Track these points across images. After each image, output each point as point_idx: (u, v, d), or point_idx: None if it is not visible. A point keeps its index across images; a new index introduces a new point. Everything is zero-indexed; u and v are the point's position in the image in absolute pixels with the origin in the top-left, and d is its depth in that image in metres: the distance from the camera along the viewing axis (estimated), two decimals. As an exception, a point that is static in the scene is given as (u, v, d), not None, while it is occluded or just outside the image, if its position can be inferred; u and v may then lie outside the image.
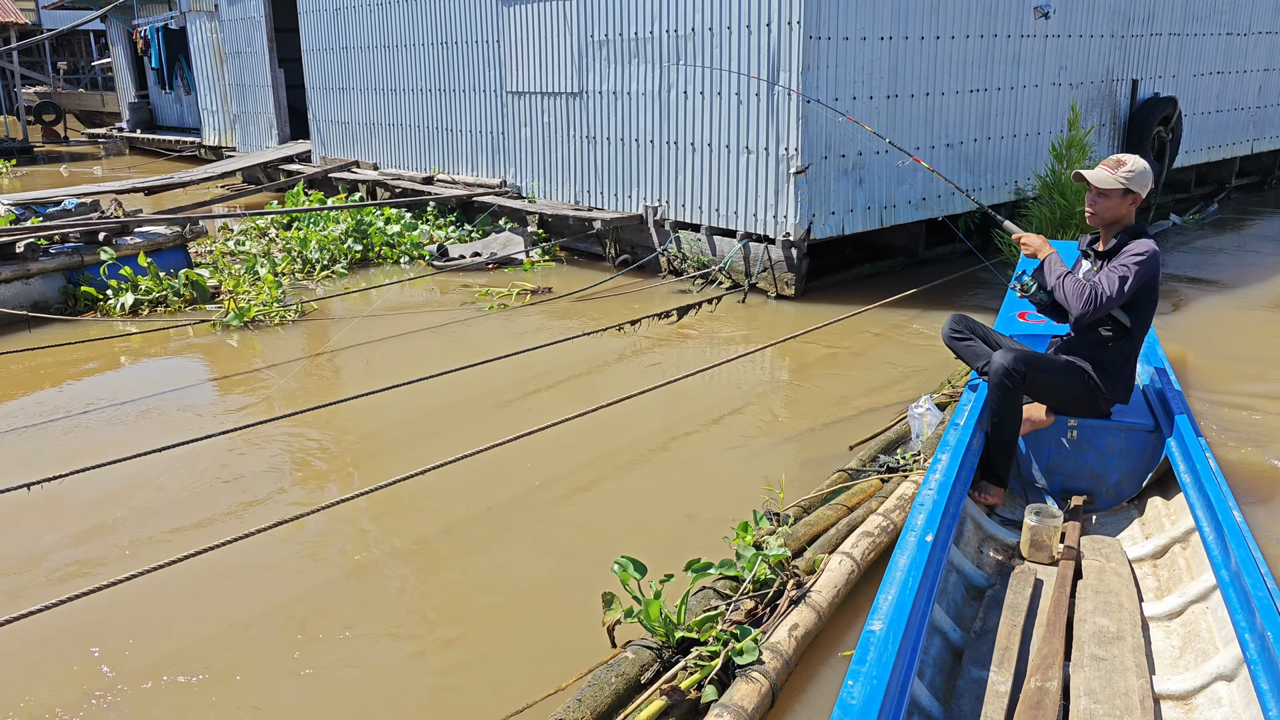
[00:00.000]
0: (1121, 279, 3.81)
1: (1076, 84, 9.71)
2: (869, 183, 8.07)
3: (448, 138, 11.63)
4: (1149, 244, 3.90)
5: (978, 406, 4.18)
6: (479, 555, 4.12)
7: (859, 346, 6.77)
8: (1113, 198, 3.95)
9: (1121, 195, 3.94)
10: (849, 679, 2.44)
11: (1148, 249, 3.87)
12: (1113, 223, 4.01)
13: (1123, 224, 4.01)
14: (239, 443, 5.21)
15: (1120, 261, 3.87)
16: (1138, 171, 3.92)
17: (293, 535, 4.14)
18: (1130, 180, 3.91)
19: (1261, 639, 2.69)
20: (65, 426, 5.59)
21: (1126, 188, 3.91)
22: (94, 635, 3.57)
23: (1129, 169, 3.91)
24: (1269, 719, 2.50)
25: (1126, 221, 4.01)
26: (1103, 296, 3.80)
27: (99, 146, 23.23)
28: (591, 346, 6.75)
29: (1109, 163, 3.98)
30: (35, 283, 7.90)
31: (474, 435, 5.15)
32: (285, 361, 6.74)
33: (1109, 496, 4.30)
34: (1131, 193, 3.93)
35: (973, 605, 3.50)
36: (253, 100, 16.36)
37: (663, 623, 3.18)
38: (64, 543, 4.27)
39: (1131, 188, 3.92)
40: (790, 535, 3.82)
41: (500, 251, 9.63)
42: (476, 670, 3.38)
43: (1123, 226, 4.01)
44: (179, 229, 8.91)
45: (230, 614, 3.70)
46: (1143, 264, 3.83)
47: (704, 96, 8.22)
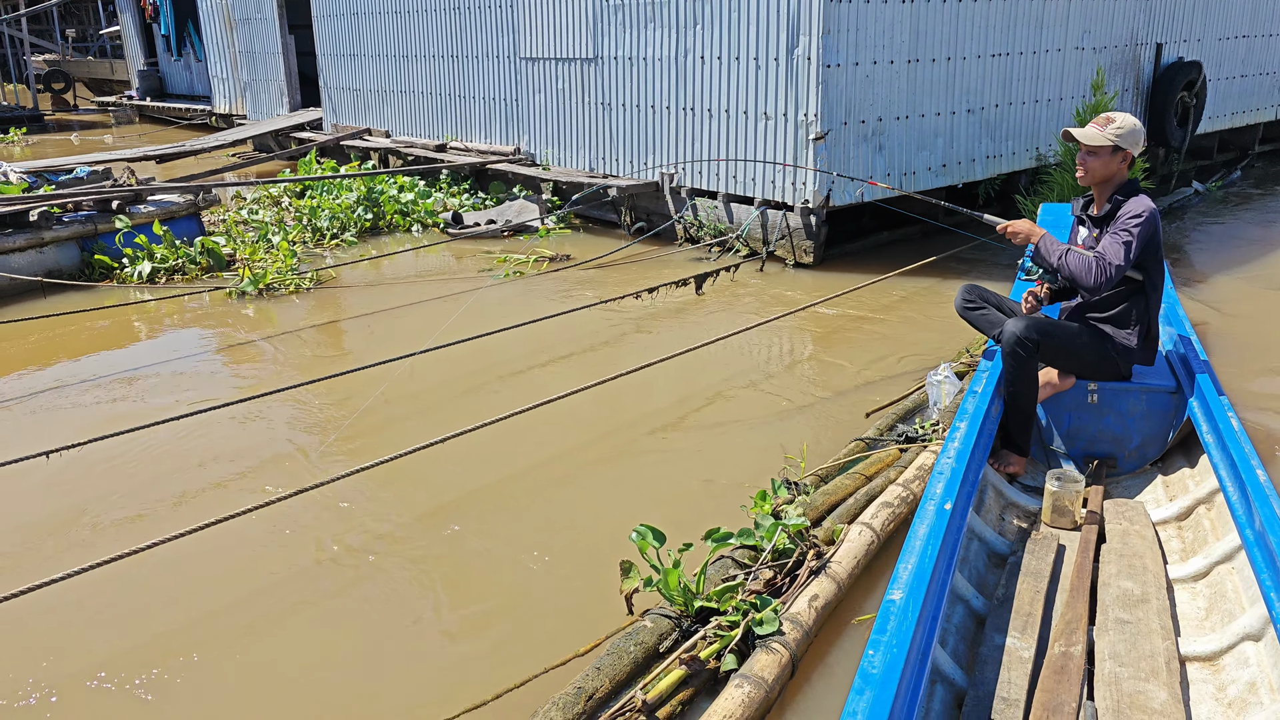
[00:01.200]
0: (1125, 244, 3.76)
1: (1100, 48, 9.55)
2: (889, 149, 7.96)
3: (460, 105, 11.49)
4: (1145, 202, 3.86)
5: (994, 374, 4.15)
6: (495, 524, 4.10)
7: (877, 315, 6.71)
8: (1102, 155, 3.91)
9: (1111, 153, 3.90)
10: (869, 648, 2.44)
11: (1145, 208, 3.83)
12: (1104, 181, 3.97)
13: (1115, 183, 3.97)
14: (248, 413, 5.16)
15: (1120, 226, 3.82)
16: (1127, 128, 3.89)
17: (305, 507, 4.09)
18: (1120, 137, 3.88)
19: None
20: (78, 392, 5.56)
21: (1116, 144, 3.89)
22: (133, 593, 3.55)
23: (1118, 126, 3.89)
24: None
25: (1119, 180, 3.97)
26: (1111, 267, 3.75)
27: (108, 114, 23.04)
28: (609, 314, 6.69)
29: (1099, 120, 3.97)
30: (49, 251, 7.84)
31: (489, 405, 5.13)
32: (300, 329, 6.70)
33: (1131, 459, 4.29)
34: (1121, 150, 3.90)
35: (995, 572, 3.50)
36: (263, 67, 16.18)
37: (681, 592, 3.18)
38: (99, 505, 4.24)
39: (1121, 144, 3.89)
40: (809, 504, 3.82)
41: (515, 219, 9.54)
42: (492, 637, 3.37)
43: (1115, 186, 3.97)
44: (192, 197, 8.83)
45: (245, 584, 3.69)
46: (1143, 224, 3.79)
47: (721, 61, 8.08)
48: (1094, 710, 2.65)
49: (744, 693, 2.79)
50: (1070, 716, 2.59)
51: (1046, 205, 6.09)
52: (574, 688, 2.82)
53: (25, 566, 3.79)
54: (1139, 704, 2.66)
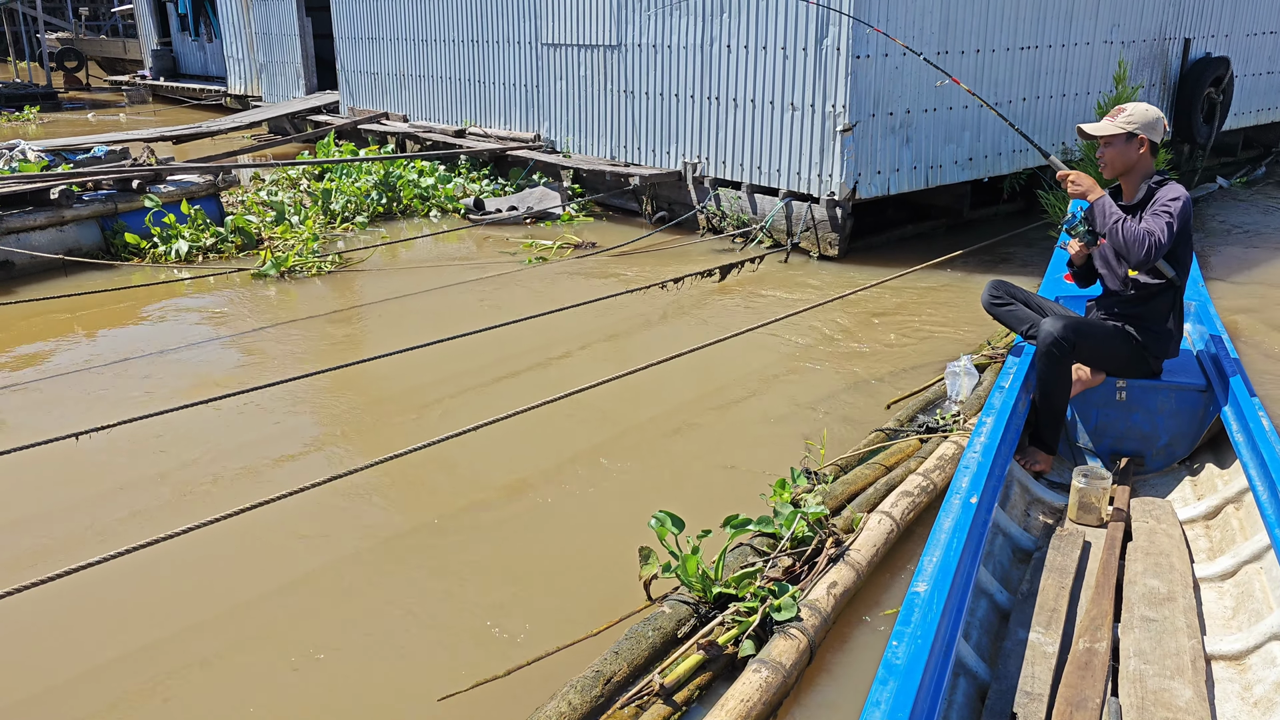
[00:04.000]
0: (1168, 224, 3.72)
1: (1128, 42, 9.45)
2: (916, 141, 7.90)
3: (480, 90, 11.46)
4: (1180, 189, 3.85)
5: (1023, 370, 4.12)
6: (515, 510, 4.10)
7: (900, 308, 6.67)
8: (1116, 144, 3.90)
9: (1125, 140, 3.88)
10: (894, 639, 2.45)
11: (1181, 193, 3.82)
12: (1126, 171, 3.94)
13: (1141, 171, 3.94)
14: (264, 400, 5.14)
15: (1160, 206, 3.79)
16: (1139, 114, 3.88)
17: (327, 498, 4.08)
18: (1131, 123, 3.86)
19: None
20: (98, 373, 5.58)
21: (1129, 132, 3.86)
22: (155, 586, 3.55)
23: (1129, 114, 3.89)
24: None
25: (1144, 168, 3.94)
26: (1159, 245, 3.70)
27: (122, 94, 23.10)
28: (633, 304, 6.67)
29: (1112, 112, 3.96)
30: (70, 229, 7.87)
31: (513, 394, 5.11)
32: (324, 314, 6.70)
33: (1159, 458, 4.25)
34: (1136, 136, 3.87)
35: (1019, 568, 3.49)
36: (280, 49, 16.18)
37: (700, 578, 3.18)
38: (127, 489, 4.25)
39: (1134, 131, 3.86)
40: (828, 494, 3.82)
41: (537, 206, 9.52)
42: (510, 620, 3.38)
43: (1143, 174, 3.94)
44: (211, 178, 8.83)
45: (277, 574, 3.69)
46: (1181, 206, 3.77)
47: (748, 50, 8.03)
48: (1118, 706, 2.63)
49: (761, 677, 2.78)
50: (1094, 712, 2.57)
51: (1077, 201, 6.03)
52: (592, 671, 2.82)
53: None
54: (1163, 701, 2.64)
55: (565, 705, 2.70)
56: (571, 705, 2.70)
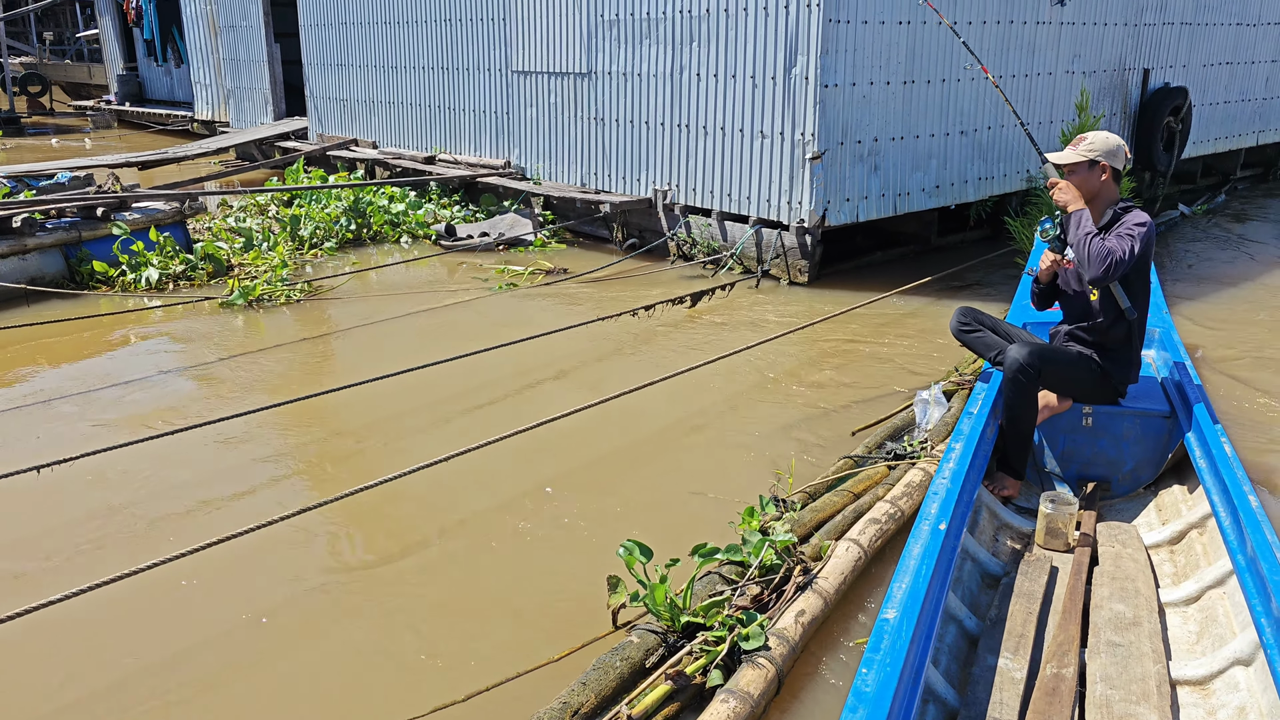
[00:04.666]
0: (1131, 247, 3.78)
1: (1089, 72, 9.63)
2: (884, 169, 7.99)
3: (450, 117, 11.47)
4: (1143, 214, 3.92)
5: (990, 396, 4.16)
6: (485, 538, 4.07)
7: (869, 334, 6.72)
8: (1079, 171, 3.97)
9: (1088, 168, 3.96)
10: (863, 666, 2.45)
11: (1146, 219, 3.89)
12: (1090, 198, 4.01)
13: (1105, 198, 4.01)
14: (226, 432, 5.05)
15: (1125, 229, 3.86)
16: (1099, 142, 3.97)
17: (287, 532, 4.02)
18: (1093, 151, 3.94)
19: (1277, 623, 2.71)
20: (60, 404, 5.49)
21: (1091, 159, 3.94)
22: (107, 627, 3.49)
23: (1089, 142, 3.98)
24: None
25: (1108, 195, 4.01)
26: (1119, 263, 3.76)
27: (86, 119, 22.86)
28: (604, 331, 6.67)
29: (1074, 141, 4.05)
30: (32, 258, 7.75)
31: (483, 424, 5.09)
32: (290, 342, 6.64)
33: (1125, 483, 4.30)
34: (1098, 164, 3.95)
35: (988, 593, 3.51)
36: (248, 75, 16.12)
37: (668, 607, 3.17)
38: (84, 524, 4.18)
39: (1096, 158, 3.94)
40: (796, 521, 3.81)
41: (508, 232, 9.52)
42: (477, 649, 3.36)
43: (1107, 201, 4.01)
44: (178, 205, 8.75)
45: (236, 609, 3.63)
46: (1144, 233, 3.83)
47: (717, 79, 8.10)
48: (1085, 732, 2.65)
49: (729, 708, 2.77)
50: (1063, 738, 2.58)
51: None
52: (559, 703, 2.79)
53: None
54: (1130, 727, 2.65)
55: (534, 738, 2.67)
56: (539, 738, 2.68)
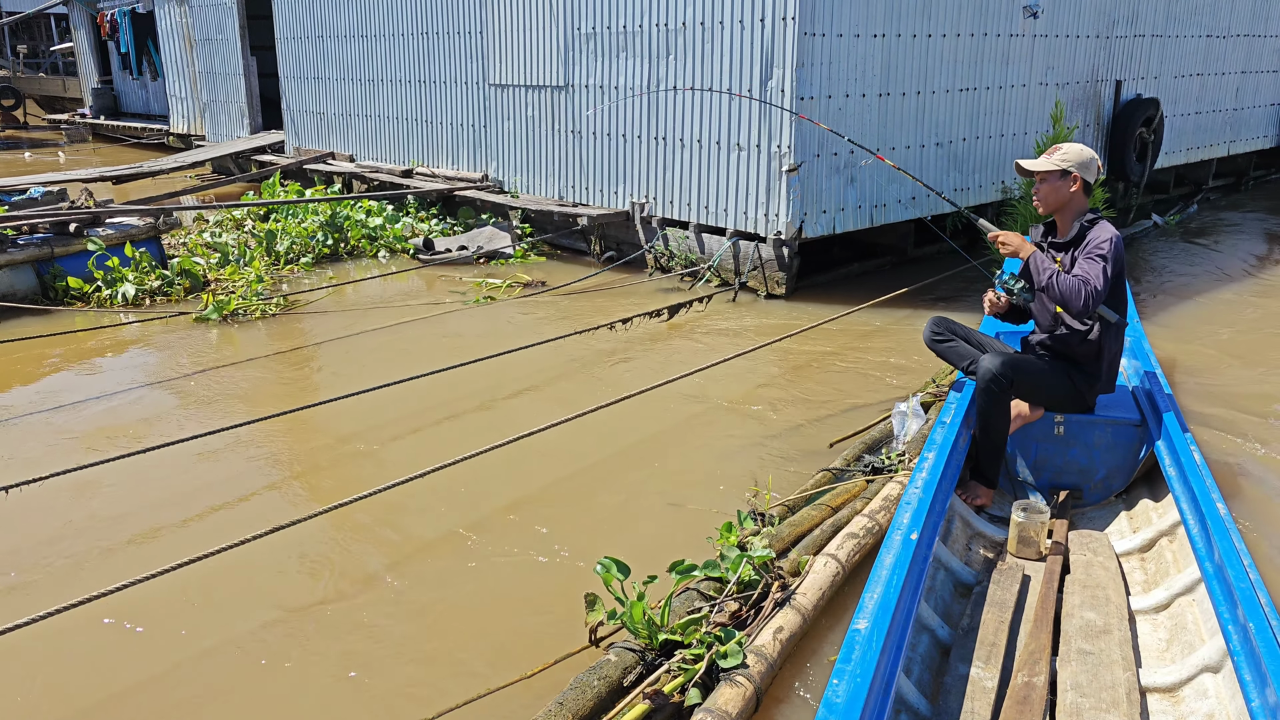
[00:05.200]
0: (1103, 269, 3.80)
1: (1063, 84, 9.73)
2: (860, 181, 8.02)
3: (427, 130, 11.44)
4: (1110, 228, 3.95)
5: (963, 405, 4.17)
6: (461, 554, 4.04)
7: (847, 346, 6.73)
8: (1051, 180, 4.00)
9: (1060, 177, 3.99)
10: (834, 678, 2.44)
11: (1111, 234, 3.91)
12: (1060, 207, 4.04)
13: (1074, 209, 4.03)
14: (199, 448, 4.98)
15: (1093, 249, 3.87)
16: (1073, 154, 4.00)
17: (259, 551, 3.91)
18: (1065, 161, 3.97)
19: (1244, 630, 2.73)
20: (34, 421, 5.40)
21: (1063, 169, 3.97)
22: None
23: (1064, 153, 4.01)
24: (1251, 709, 2.53)
25: (1078, 206, 4.04)
26: (1097, 290, 3.77)
27: (61, 133, 22.68)
28: (582, 344, 6.65)
29: (1048, 150, 4.08)
30: (3, 274, 7.66)
31: (457, 440, 5.04)
32: (262, 356, 6.59)
33: (1096, 491, 4.33)
34: (1070, 174, 3.98)
35: (960, 602, 3.51)
36: (223, 88, 16.02)
37: (646, 625, 3.15)
38: (55, 543, 4.10)
39: (1068, 169, 3.97)
40: (774, 536, 3.80)
41: (487, 245, 9.49)
42: (451, 667, 3.33)
43: (1077, 211, 4.03)
44: (152, 220, 8.67)
45: (207, 630, 3.58)
46: (1112, 247, 3.85)
47: (693, 92, 8.11)
48: (1057, 741, 2.65)
49: (708, 727, 2.75)
50: (1035, 748, 2.58)
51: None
52: (535, 722, 2.76)
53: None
54: (1100, 734, 2.66)
55: (513, 761, 2.64)
56: (519, 761, 2.65)
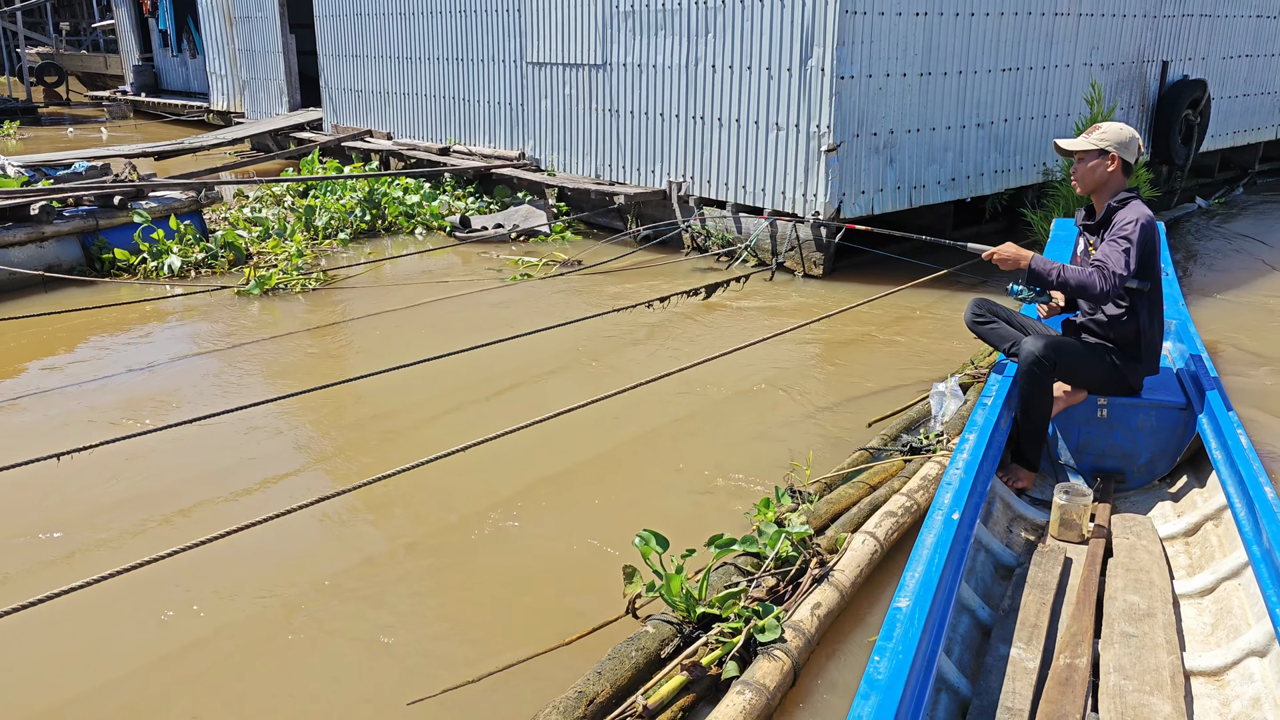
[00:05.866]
0: (1125, 251, 3.76)
1: (1107, 65, 9.57)
2: (899, 162, 7.96)
3: (465, 108, 11.48)
4: (1140, 209, 3.87)
5: (1005, 387, 4.14)
6: (502, 529, 4.08)
7: (885, 326, 6.71)
8: (1088, 160, 3.95)
9: (1097, 156, 3.94)
10: (875, 654, 2.46)
11: (1138, 214, 3.84)
12: (1097, 188, 3.99)
13: (1111, 189, 3.98)
14: (237, 423, 5.05)
15: (1117, 232, 3.83)
16: (1111, 133, 3.94)
17: (301, 521, 4.01)
18: (1104, 141, 3.92)
19: None
20: (79, 392, 5.53)
21: (1101, 148, 3.92)
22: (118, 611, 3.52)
23: (1102, 132, 3.96)
24: None
25: (1115, 186, 3.98)
26: (1115, 275, 3.72)
27: (102, 109, 23.01)
28: (618, 322, 6.67)
29: (1088, 130, 4.03)
30: (50, 246, 7.81)
31: (495, 416, 5.09)
32: (301, 330, 6.67)
33: (1140, 475, 4.28)
34: (1107, 154, 3.92)
35: (1001, 584, 3.50)
36: (263, 66, 16.16)
37: (684, 598, 3.17)
38: (103, 513, 4.21)
39: (1106, 148, 3.91)
40: (812, 513, 3.81)
41: (523, 224, 9.53)
42: (492, 637, 3.37)
43: (1113, 192, 3.97)
44: (194, 194, 8.80)
45: (260, 593, 3.66)
46: (1138, 229, 3.79)
47: (733, 70, 8.08)
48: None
49: (745, 700, 2.77)
50: (1075, 728, 2.58)
51: (1059, 220, 6.10)
52: (575, 691, 2.80)
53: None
54: (1143, 717, 2.65)
55: (548, 726, 2.68)
56: (554, 726, 2.68)
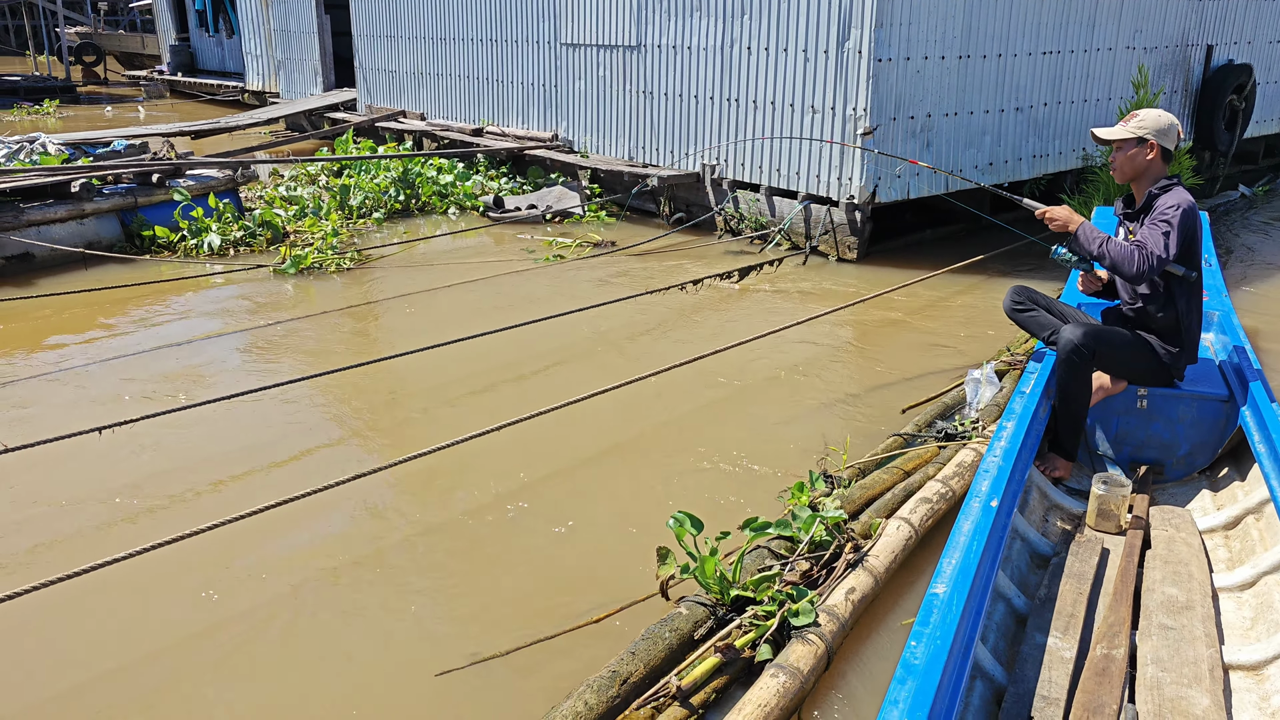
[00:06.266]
0: (1165, 234, 3.70)
1: (1150, 48, 9.41)
2: (936, 146, 7.88)
3: (498, 89, 11.48)
4: (1181, 195, 3.81)
5: (1044, 375, 4.09)
6: (536, 508, 4.11)
7: (919, 312, 6.66)
8: (1127, 148, 3.90)
9: (1136, 144, 3.88)
10: (912, 639, 2.44)
11: (1180, 199, 3.78)
12: (1137, 176, 3.93)
13: (1151, 176, 3.92)
14: (270, 401, 5.11)
15: (1158, 216, 3.77)
16: (1149, 120, 3.87)
17: (335, 498, 4.04)
18: (1142, 129, 3.85)
19: None
20: (114, 367, 5.61)
21: (1139, 136, 3.85)
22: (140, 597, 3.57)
23: (1140, 119, 3.89)
24: None
25: (1155, 173, 3.92)
26: (1153, 256, 3.67)
27: (139, 88, 23.26)
28: (651, 304, 6.67)
29: (1126, 118, 3.96)
30: (90, 223, 7.91)
31: (526, 396, 5.11)
32: (335, 310, 6.73)
33: (1179, 467, 4.23)
34: (1146, 142, 3.86)
35: (1037, 573, 3.48)
36: (298, 46, 16.25)
37: (718, 580, 3.18)
38: (133, 490, 4.27)
39: (1145, 136, 3.85)
40: (846, 498, 3.80)
41: (556, 205, 9.54)
42: (523, 616, 3.39)
43: (1152, 179, 3.91)
44: (230, 172, 8.88)
45: (296, 566, 3.71)
46: (1179, 214, 3.73)
47: (769, 53, 8.03)
48: (1135, 713, 2.62)
49: (779, 683, 2.77)
50: (1111, 718, 2.56)
51: (1099, 209, 6.03)
52: (609, 671, 2.81)
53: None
54: (1180, 709, 2.63)
55: (581, 705, 2.69)
56: (588, 705, 2.69)
